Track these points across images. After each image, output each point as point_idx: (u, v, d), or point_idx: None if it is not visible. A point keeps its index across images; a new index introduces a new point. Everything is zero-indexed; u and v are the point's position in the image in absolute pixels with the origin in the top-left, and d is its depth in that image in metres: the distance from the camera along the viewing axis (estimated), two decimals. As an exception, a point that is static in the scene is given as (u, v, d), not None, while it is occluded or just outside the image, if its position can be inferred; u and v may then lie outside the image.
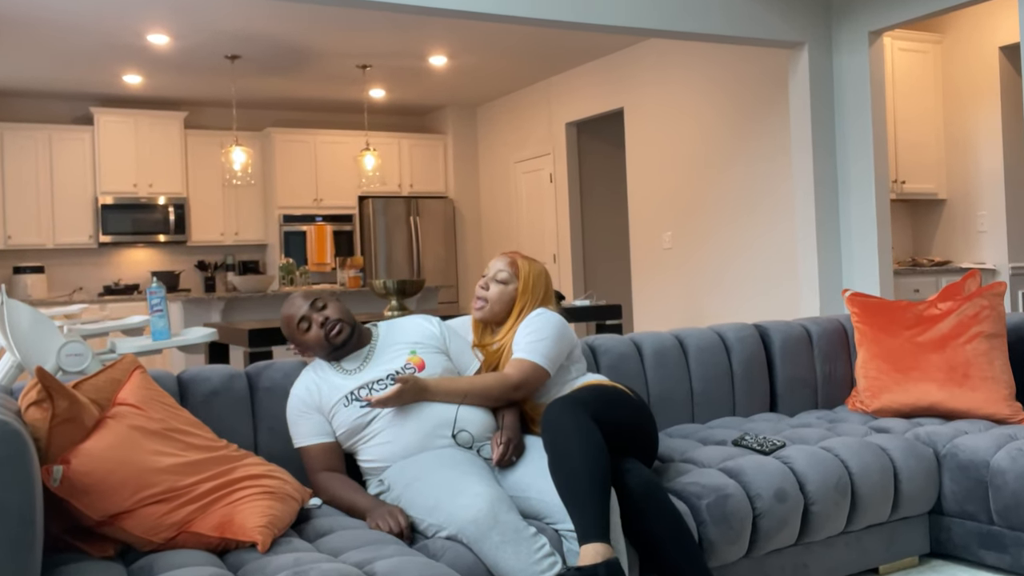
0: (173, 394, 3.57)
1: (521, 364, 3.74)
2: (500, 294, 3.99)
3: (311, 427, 3.60)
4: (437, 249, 14.56)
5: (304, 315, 3.72)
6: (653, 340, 4.89)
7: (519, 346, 3.81)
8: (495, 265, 4.06)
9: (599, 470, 3.17)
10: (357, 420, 3.56)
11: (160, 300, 5.00)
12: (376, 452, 3.54)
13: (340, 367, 3.72)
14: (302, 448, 3.60)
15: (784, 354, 5.22)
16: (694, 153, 10.54)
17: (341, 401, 3.59)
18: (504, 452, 3.46)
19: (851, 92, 8.19)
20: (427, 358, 3.75)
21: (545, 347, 3.78)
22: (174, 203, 13.12)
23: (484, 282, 4.04)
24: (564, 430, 3.27)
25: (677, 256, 10.84)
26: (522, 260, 4.06)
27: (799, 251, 8.33)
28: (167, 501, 2.88)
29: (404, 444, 3.50)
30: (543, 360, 3.76)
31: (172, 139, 13.18)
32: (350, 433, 3.58)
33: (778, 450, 4.09)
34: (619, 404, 3.60)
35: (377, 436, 3.54)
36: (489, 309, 4.00)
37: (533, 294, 4.00)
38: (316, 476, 3.54)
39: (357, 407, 3.57)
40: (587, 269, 12.99)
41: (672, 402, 4.83)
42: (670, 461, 4.06)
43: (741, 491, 3.70)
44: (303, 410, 3.63)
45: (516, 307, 3.97)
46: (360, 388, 3.61)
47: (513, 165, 14.04)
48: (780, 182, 9.41)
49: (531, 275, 4.02)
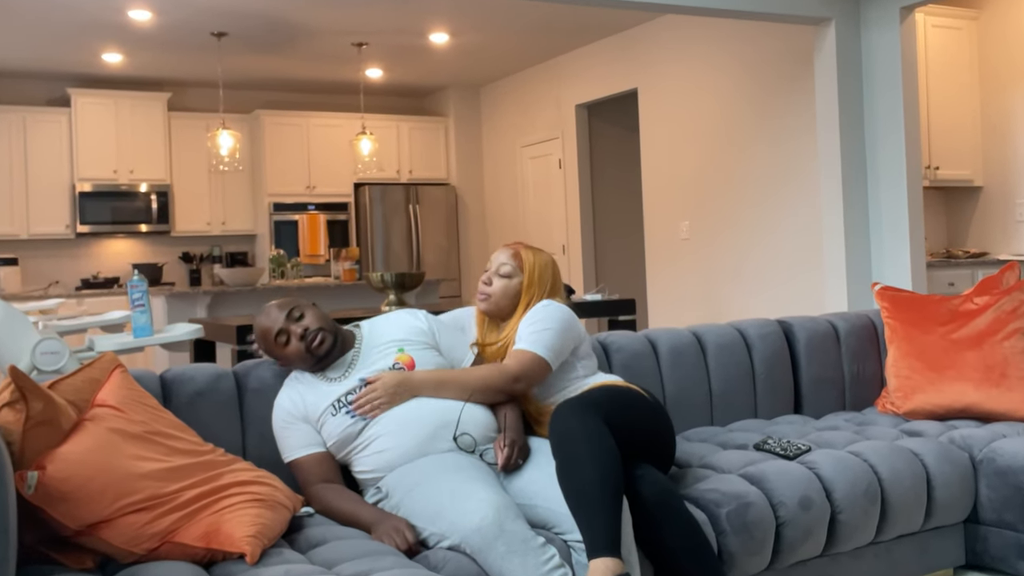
0: (156, 395, 3.57)
1: (521, 355, 3.73)
2: (504, 289, 3.98)
3: (300, 438, 3.59)
4: (438, 240, 14.56)
5: (281, 328, 3.69)
6: (669, 337, 4.88)
7: (520, 337, 3.80)
8: (498, 258, 4.05)
9: (610, 478, 3.16)
10: (348, 429, 3.54)
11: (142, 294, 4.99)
12: (372, 462, 3.52)
13: (324, 376, 3.71)
14: (293, 462, 3.57)
15: (809, 352, 5.21)
16: (713, 137, 10.53)
17: (328, 410, 3.58)
18: (509, 455, 3.45)
19: (881, 72, 8.17)
20: (416, 355, 3.73)
21: (548, 338, 3.76)
22: (157, 190, 13.13)
23: (487, 276, 4.03)
24: (573, 435, 3.26)
25: (694, 247, 10.83)
26: (526, 251, 4.05)
27: (825, 242, 8.32)
28: (149, 509, 2.88)
29: (402, 451, 3.49)
30: (545, 351, 3.74)
31: (154, 122, 13.18)
32: (342, 443, 3.56)
33: (803, 455, 4.09)
34: (633, 407, 3.59)
35: (371, 444, 3.53)
36: (494, 304, 3.99)
37: (540, 287, 3.99)
38: (311, 490, 3.51)
39: (345, 415, 3.56)
40: (598, 261, 12.99)
41: (689, 403, 4.82)
42: (687, 466, 4.06)
43: (763, 499, 3.70)
44: (289, 421, 3.61)
45: (522, 301, 3.97)
46: (348, 394, 3.60)
47: (519, 150, 14.03)
48: (805, 169, 9.39)
49: (536, 267, 4.01)
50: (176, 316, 9.42)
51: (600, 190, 13.01)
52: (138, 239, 13.54)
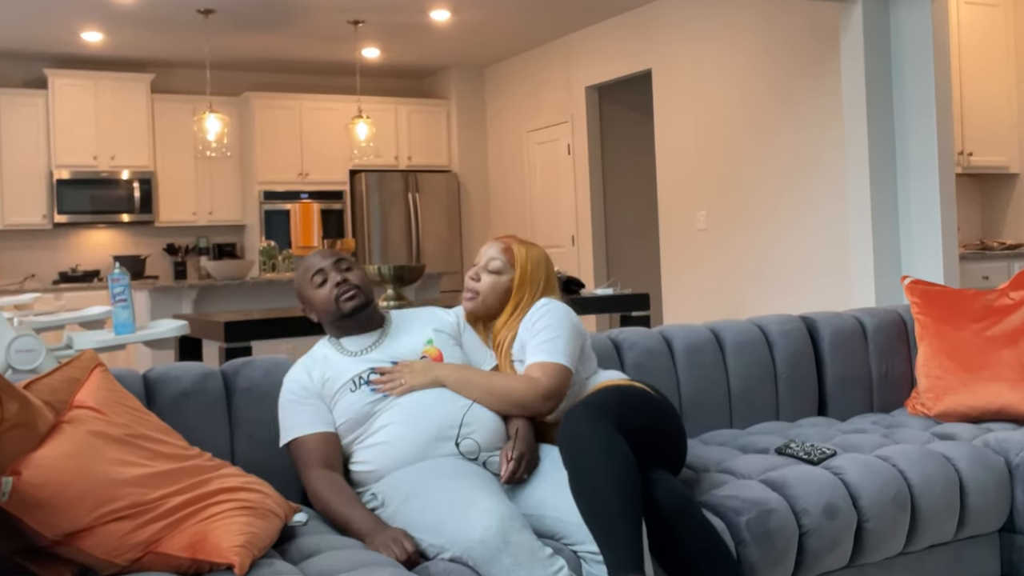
0: (138, 395, 3.57)
1: (547, 368, 3.67)
2: (493, 286, 3.96)
3: (310, 415, 3.58)
4: (439, 230, 14.57)
5: (322, 267, 3.79)
6: (685, 334, 4.88)
7: (533, 346, 3.76)
8: (487, 252, 4.02)
9: (629, 489, 3.14)
10: (364, 407, 3.55)
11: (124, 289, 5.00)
12: (373, 454, 3.52)
13: (343, 348, 3.74)
14: (296, 440, 3.56)
15: (834, 350, 5.21)
16: (731, 121, 10.52)
17: (347, 385, 3.59)
18: (515, 469, 3.42)
19: (911, 51, 8.16)
20: (445, 350, 3.76)
21: (564, 345, 3.72)
22: (139, 178, 13.14)
23: (475, 272, 4.00)
24: (586, 443, 3.24)
25: (712, 238, 10.83)
26: (518, 246, 4.02)
27: (851, 232, 8.31)
28: (131, 517, 2.88)
29: (405, 446, 3.48)
30: (567, 359, 3.70)
31: (137, 105, 13.19)
32: (352, 424, 3.56)
33: (828, 459, 4.09)
34: (643, 407, 3.58)
35: (377, 433, 3.53)
36: (481, 302, 3.96)
37: (532, 284, 3.96)
38: (311, 473, 3.49)
39: (367, 391, 3.57)
40: (610, 253, 12.99)
41: (707, 405, 4.83)
42: (704, 471, 4.06)
43: (786, 506, 3.70)
44: (302, 396, 3.62)
45: (513, 300, 3.94)
46: (369, 371, 3.62)
47: (526, 135, 14.04)
48: (829, 155, 9.39)
49: (529, 263, 3.98)
50: (160, 312, 9.43)
51: (612, 177, 13.01)
52: (119, 230, 13.55)
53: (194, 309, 9.63)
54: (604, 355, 4.51)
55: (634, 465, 3.21)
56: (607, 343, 4.64)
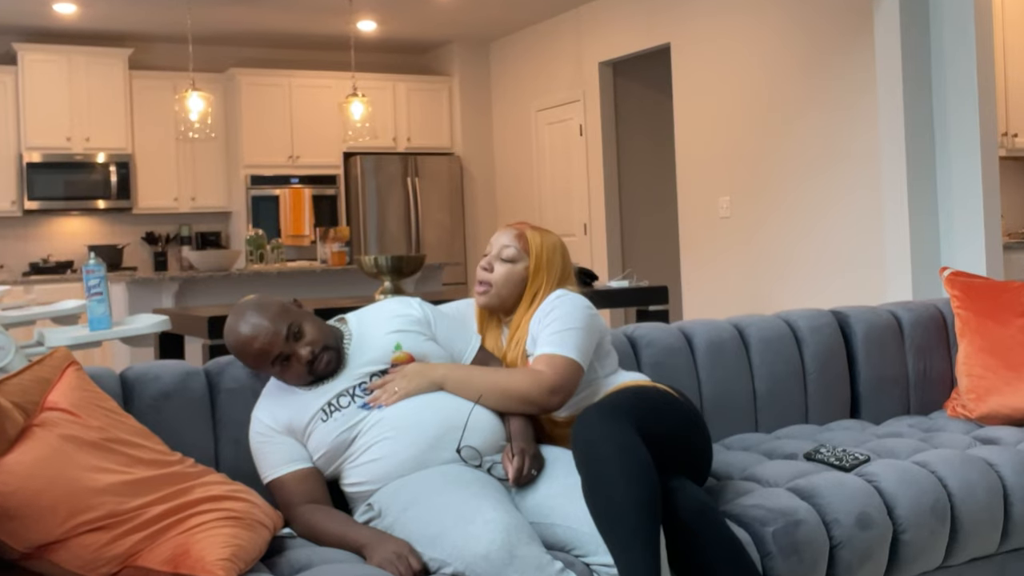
0: (116, 396, 3.58)
1: (554, 360, 3.66)
2: (507, 276, 3.95)
3: (283, 453, 3.56)
4: (440, 218, 14.57)
5: (281, 352, 3.55)
6: (707, 330, 4.88)
7: (543, 338, 3.75)
8: (499, 240, 4.02)
9: (648, 500, 3.12)
10: (340, 437, 3.50)
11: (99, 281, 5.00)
12: (365, 472, 3.49)
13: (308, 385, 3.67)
14: (274, 481, 3.54)
15: (868, 347, 5.21)
16: (756, 100, 10.51)
17: (318, 416, 3.53)
18: (520, 465, 3.40)
19: (951, 24, 8.15)
20: (416, 351, 3.70)
21: (576, 338, 3.71)
22: (116, 161, 13.14)
23: (486, 261, 3.99)
24: (603, 448, 3.22)
25: (736, 226, 10.82)
26: (532, 232, 4.01)
27: (886, 220, 8.31)
28: (108, 528, 2.88)
29: (399, 460, 3.45)
30: (577, 354, 3.69)
31: (114, 83, 13.20)
32: (332, 455, 3.53)
33: (861, 465, 4.09)
34: (666, 411, 3.57)
35: (366, 452, 3.50)
36: (495, 294, 3.95)
37: (548, 273, 3.96)
38: (295, 512, 3.47)
39: (339, 417, 3.52)
40: (625, 242, 12.99)
41: (730, 407, 4.82)
42: (728, 479, 4.06)
43: (815, 516, 3.70)
44: (270, 436, 3.58)
45: (529, 290, 3.93)
46: (339, 397, 3.57)
47: (534, 114, 14.04)
48: (863, 137, 9.38)
49: (544, 250, 3.98)
50: (139, 306, 9.43)
51: (627, 160, 13.01)
52: (95, 217, 13.56)
53: (175, 303, 9.63)
54: (619, 353, 4.50)
55: (654, 473, 3.19)
56: (622, 340, 4.64)
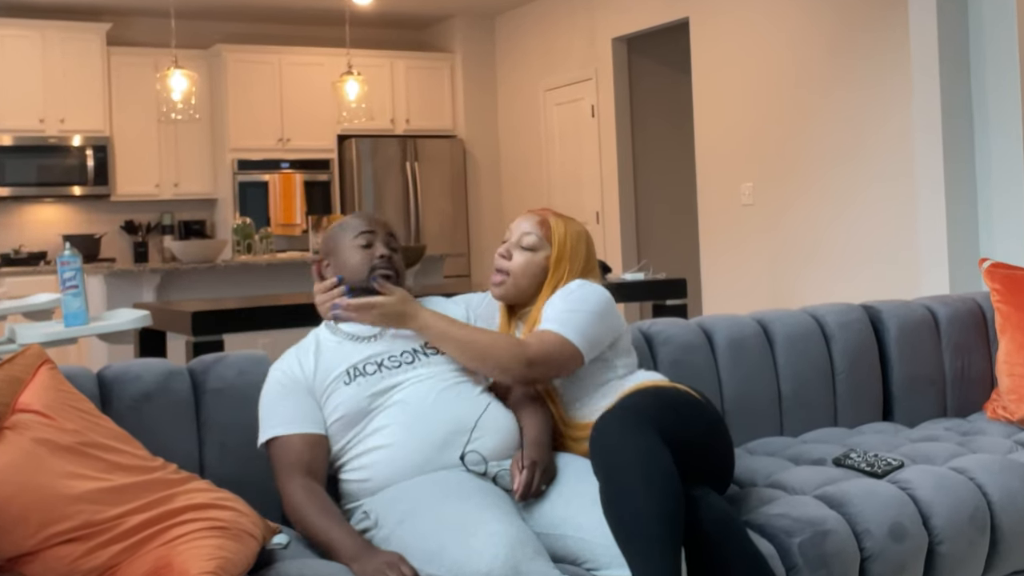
0: (92, 397, 3.56)
1: (544, 336, 3.66)
2: (527, 265, 3.94)
3: (295, 411, 3.58)
4: (442, 205, 14.56)
5: (374, 230, 3.83)
6: (728, 326, 4.88)
7: (546, 318, 3.75)
8: (520, 226, 4.01)
9: (671, 512, 3.11)
10: (361, 402, 3.54)
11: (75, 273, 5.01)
12: (369, 459, 3.50)
13: (342, 332, 3.76)
14: (277, 440, 3.54)
15: (902, 345, 5.20)
16: (782, 78, 10.50)
17: (341, 377, 3.59)
18: (528, 481, 3.38)
19: (992, -4, 8.15)
20: None
21: (581, 321, 3.71)
22: (93, 145, 13.14)
23: (505, 249, 3.98)
24: (623, 455, 3.21)
25: (760, 214, 10.81)
26: (555, 219, 4.01)
27: (921, 207, 8.30)
28: (84, 539, 2.88)
29: (406, 452, 3.46)
30: (576, 336, 3.67)
31: (91, 60, 13.19)
32: (347, 422, 3.55)
33: (894, 472, 4.09)
34: (689, 415, 3.56)
35: (375, 435, 3.51)
36: (512, 284, 3.95)
37: (572, 263, 3.94)
38: (291, 481, 3.45)
39: (363, 383, 3.56)
40: (640, 232, 12.99)
41: (754, 408, 4.82)
42: (751, 486, 4.06)
43: (845, 526, 3.70)
44: (289, 388, 3.62)
45: (549, 282, 3.92)
46: (366, 362, 3.63)
47: (543, 94, 14.03)
48: (896, 119, 9.36)
49: (568, 238, 3.97)
50: (117, 300, 9.43)
51: (642, 144, 13.00)
52: (70, 205, 13.56)
53: (157, 297, 9.63)
54: (635, 350, 4.48)
55: (678, 482, 3.19)
56: (637, 337, 4.63)
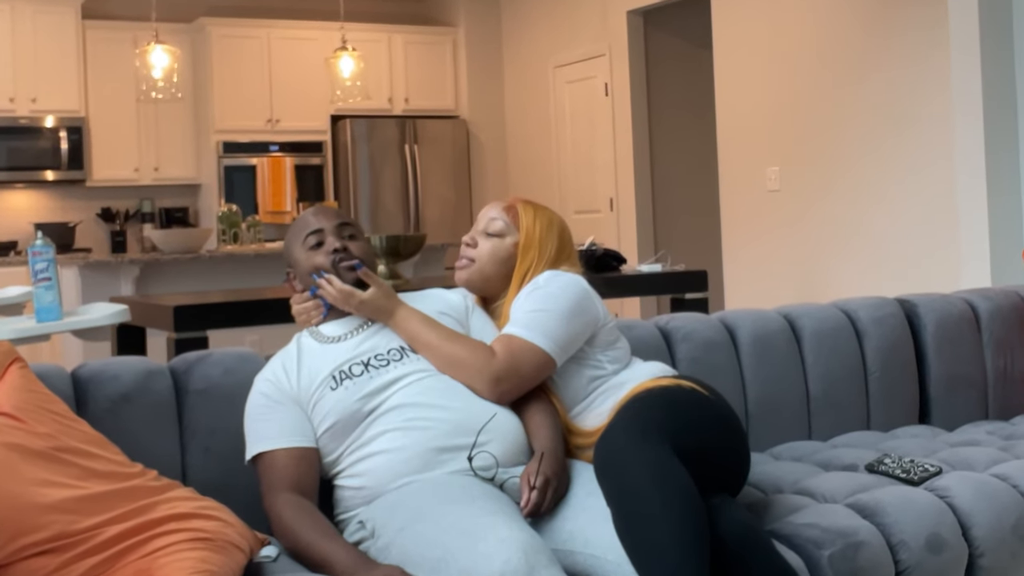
0: (67, 399, 3.56)
1: (512, 344, 3.66)
2: (492, 252, 3.96)
3: (283, 424, 3.56)
4: (443, 191, 14.56)
5: (321, 228, 3.83)
6: (752, 321, 4.88)
7: (513, 317, 3.76)
8: (486, 214, 4.05)
9: (695, 534, 3.09)
10: (352, 405, 3.52)
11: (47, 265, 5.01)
12: (366, 466, 3.48)
13: (321, 335, 3.77)
14: (265, 455, 3.52)
15: (940, 342, 5.20)
16: (811, 56, 10.49)
17: (327, 382, 3.58)
18: (540, 501, 3.32)
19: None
20: None
21: (548, 321, 3.69)
22: (68, 126, 13.14)
23: (470, 236, 4.03)
24: (636, 477, 3.18)
25: (786, 201, 10.81)
26: (524, 205, 4.03)
27: (960, 195, 8.30)
28: (58, 552, 2.88)
29: (407, 457, 3.43)
30: (544, 340, 3.66)
31: (65, 35, 13.18)
32: (340, 430, 3.53)
33: (931, 478, 4.08)
34: (701, 418, 3.55)
35: (372, 443, 3.49)
36: (478, 271, 3.97)
37: (541, 251, 3.94)
38: (278, 499, 3.44)
39: (351, 386, 3.54)
40: (658, 220, 12.98)
41: (780, 410, 4.82)
42: (777, 493, 4.06)
43: (879, 537, 3.69)
44: (275, 399, 3.61)
45: (518, 271, 3.93)
46: (351, 363, 3.61)
47: (552, 71, 14.02)
48: (934, 100, 9.36)
49: (537, 224, 3.97)
50: (94, 293, 9.44)
51: (660, 125, 12.99)
52: (42, 190, 13.56)
53: (136, 290, 9.63)
54: (650, 348, 4.48)
55: (698, 500, 3.17)
56: (654, 333, 4.63)
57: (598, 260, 7.65)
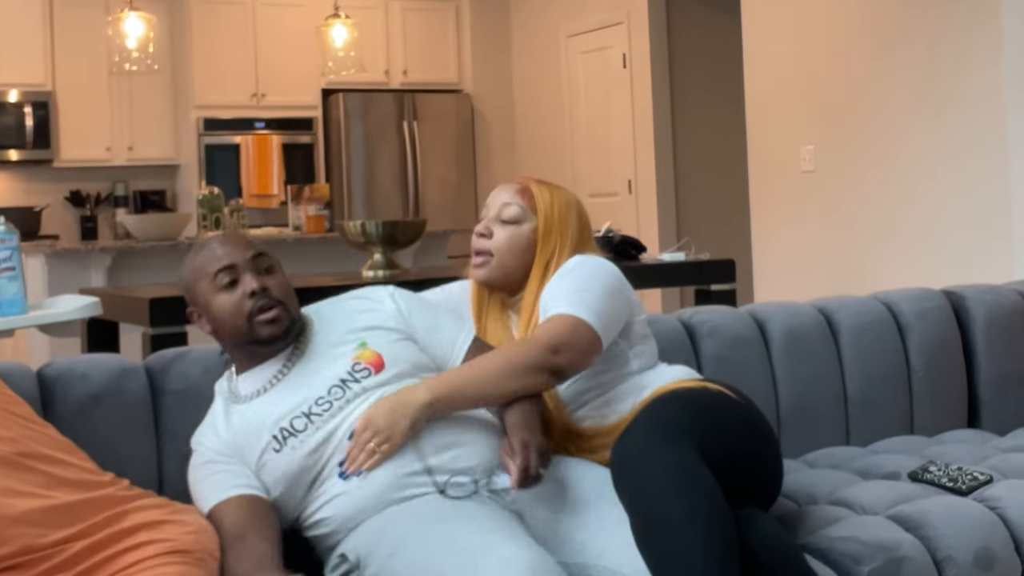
0: (32, 401, 3.56)
1: (555, 321, 3.60)
2: (511, 240, 3.93)
3: (224, 478, 3.47)
4: (445, 173, 14.57)
5: (233, 263, 3.59)
6: (785, 315, 4.88)
7: (549, 304, 3.70)
8: (498, 198, 4.01)
9: (723, 542, 3.10)
10: (299, 462, 3.43)
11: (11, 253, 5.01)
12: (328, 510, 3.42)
13: (238, 395, 3.63)
14: (212, 515, 3.38)
15: (990, 337, 5.20)
16: (850, 22, 10.48)
17: (270, 445, 3.47)
18: (525, 464, 3.25)
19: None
20: (386, 350, 3.61)
21: (592, 299, 3.66)
22: (33, 101, 13.15)
23: (483, 226, 3.98)
24: (659, 481, 3.18)
25: (821, 183, 10.80)
26: (538, 186, 4.00)
27: (1013, 176, 8.29)
28: (23, 568, 2.89)
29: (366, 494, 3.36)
30: (591, 316, 3.61)
31: (29, 1, 13.18)
32: (291, 485, 3.46)
33: (981, 488, 4.08)
34: (731, 422, 3.55)
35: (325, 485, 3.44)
36: (497, 265, 3.93)
37: (562, 236, 3.92)
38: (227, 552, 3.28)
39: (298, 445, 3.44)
40: (680, 205, 12.99)
41: (815, 413, 4.82)
42: (811, 504, 4.06)
43: (923, 552, 3.69)
44: (215, 460, 3.52)
45: (539, 259, 3.91)
46: (292, 416, 3.48)
47: (565, 41, 14.03)
48: (983, 72, 9.34)
49: (556, 206, 3.95)
50: (61, 285, 9.44)
51: (683, 100, 13.00)
52: (5, 171, 13.58)
53: (108, 281, 9.64)
54: (673, 345, 4.48)
55: (726, 508, 3.17)
56: (677, 328, 4.63)
57: (615, 248, 7.65)
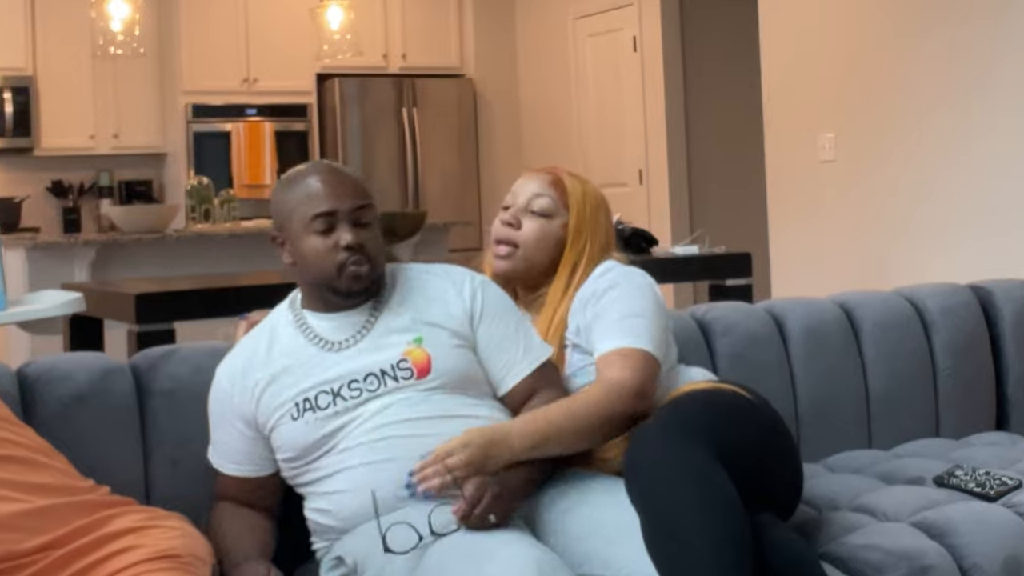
0: (11, 401, 3.56)
1: (627, 356, 3.59)
2: (540, 235, 3.89)
3: (228, 445, 3.58)
4: (447, 162, 14.57)
5: (335, 210, 3.54)
6: (804, 312, 4.88)
7: (604, 328, 3.69)
8: (527, 187, 3.96)
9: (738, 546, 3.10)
10: (312, 441, 3.45)
11: (-10, 246, 5.02)
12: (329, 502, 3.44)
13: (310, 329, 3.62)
14: (214, 466, 3.61)
15: (1020, 335, 5.20)
16: (872, 6, 10.48)
17: (289, 410, 3.48)
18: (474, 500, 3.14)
19: None
20: (438, 353, 3.56)
21: (648, 326, 3.68)
22: (13, 86, 13.15)
23: (510, 215, 3.93)
24: (672, 479, 3.18)
25: (842, 173, 10.80)
26: (571, 179, 3.98)
27: (1046, 165, 8.30)
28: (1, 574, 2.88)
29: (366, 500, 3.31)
30: (653, 347, 3.65)
31: (10, -19, 13.22)
32: (301, 458, 3.49)
33: (1010, 493, 4.08)
34: (747, 425, 3.55)
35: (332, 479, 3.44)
36: (523, 258, 3.90)
37: (593, 236, 3.90)
38: (216, 505, 3.56)
39: (314, 421, 3.45)
40: (693, 196, 13.00)
41: (835, 415, 4.82)
42: (832, 510, 4.06)
43: (949, 560, 3.70)
44: (219, 411, 3.61)
45: (567, 258, 3.89)
46: (320, 390, 3.49)
47: (572, 24, 14.04)
48: (1011, 56, 9.34)
49: (587, 203, 3.93)
50: (43, 280, 9.45)
51: (697, 85, 13.01)
52: (-15, 161, 13.62)
53: (92, 276, 9.65)
54: (686, 343, 4.47)
55: (743, 511, 3.17)
56: (690, 325, 4.63)
57: (626, 241, 7.65)
